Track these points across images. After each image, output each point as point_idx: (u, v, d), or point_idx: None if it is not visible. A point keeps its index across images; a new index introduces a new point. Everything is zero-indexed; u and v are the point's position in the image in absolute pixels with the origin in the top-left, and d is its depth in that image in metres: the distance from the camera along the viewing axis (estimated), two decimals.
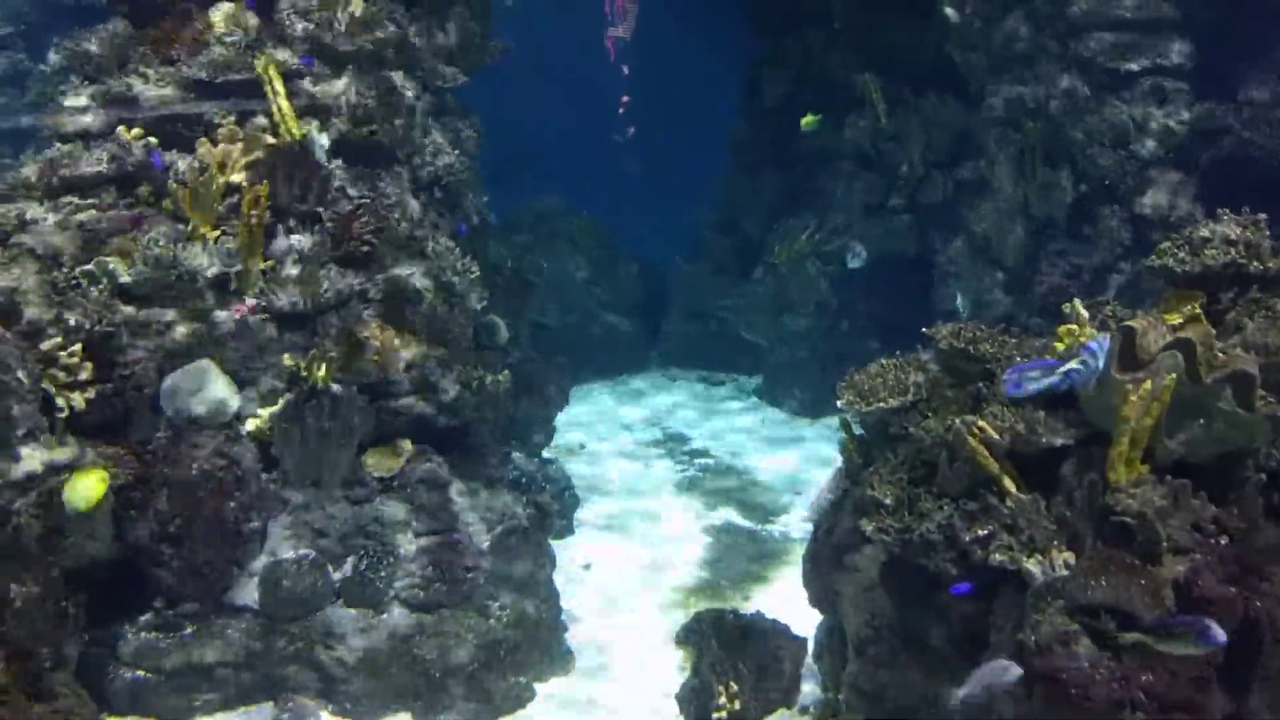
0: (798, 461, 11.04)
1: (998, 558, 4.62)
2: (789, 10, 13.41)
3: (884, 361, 5.82)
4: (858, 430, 5.96)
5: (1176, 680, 3.92)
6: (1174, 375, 4.32)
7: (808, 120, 11.90)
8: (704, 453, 11.46)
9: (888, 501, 5.15)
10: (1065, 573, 4.37)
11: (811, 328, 12.68)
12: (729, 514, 9.70)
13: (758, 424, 12.41)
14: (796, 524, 9.33)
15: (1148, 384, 4.35)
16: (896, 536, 5.02)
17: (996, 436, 4.83)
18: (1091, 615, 4.12)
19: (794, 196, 13.37)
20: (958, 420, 5.01)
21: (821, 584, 5.94)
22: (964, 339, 5.48)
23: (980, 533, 4.70)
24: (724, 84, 15.54)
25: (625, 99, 18.08)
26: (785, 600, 7.13)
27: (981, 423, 4.89)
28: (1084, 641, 4.05)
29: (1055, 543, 4.54)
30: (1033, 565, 4.48)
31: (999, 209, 10.42)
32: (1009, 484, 4.78)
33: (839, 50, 12.82)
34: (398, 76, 7.31)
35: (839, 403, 5.70)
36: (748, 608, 6.95)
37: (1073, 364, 4.77)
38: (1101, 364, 4.57)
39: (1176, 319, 4.87)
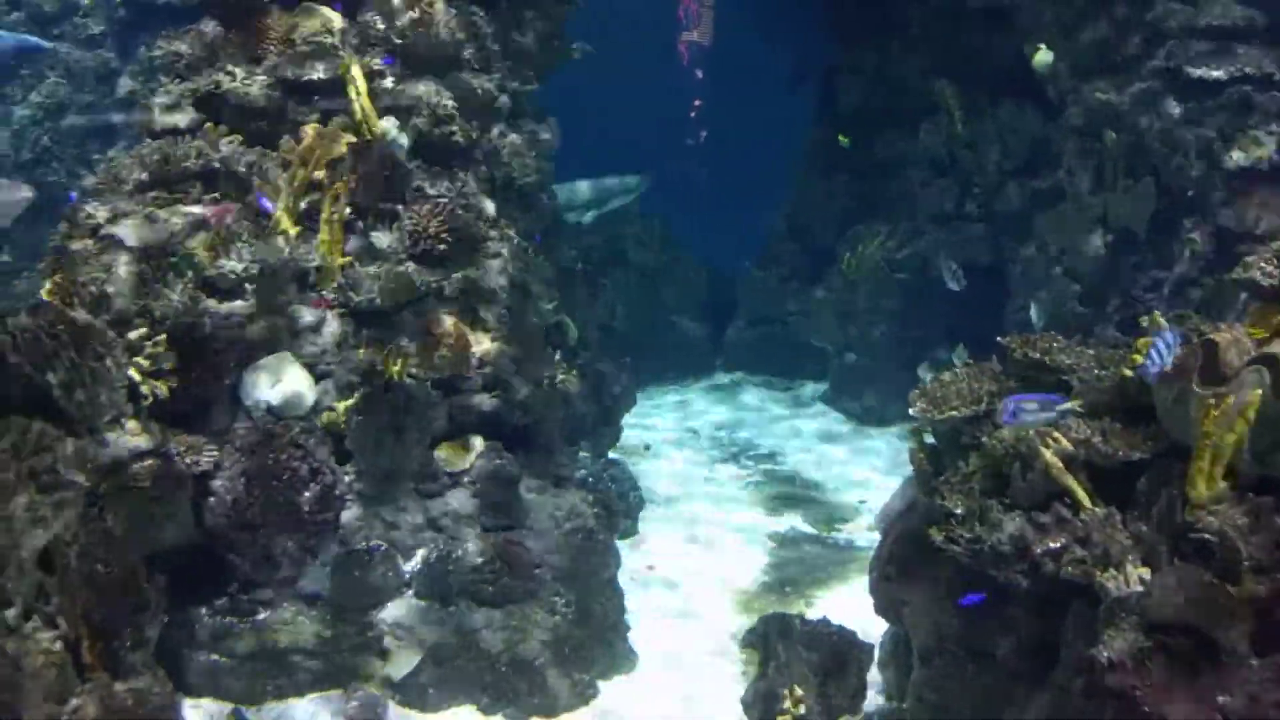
0: (864, 469, 10.97)
1: (1070, 571, 4.56)
2: (865, 17, 13.33)
3: (957, 370, 5.77)
4: (928, 438, 5.91)
5: (1257, 703, 3.84)
6: (1259, 391, 4.23)
7: (844, 139, 11.97)
8: (769, 458, 11.43)
9: (958, 511, 5.11)
10: (1140, 589, 4.30)
11: (881, 335, 12.59)
12: (794, 520, 9.67)
13: (824, 430, 12.35)
14: (862, 531, 9.28)
15: (1229, 399, 4.27)
16: (966, 547, 4.98)
17: (1071, 448, 4.78)
18: (1167, 634, 4.05)
19: (866, 203, 13.29)
20: (1032, 431, 4.95)
21: (888, 592, 5.90)
22: (1039, 349, 5.42)
23: (1053, 545, 4.65)
24: (798, 90, 15.50)
25: (697, 103, 18.11)
26: (850, 607, 7.09)
27: (1056, 434, 4.84)
28: (1159, 659, 3.99)
29: (1130, 558, 4.47)
30: (1106, 580, 4.42)
31: (1076, 219, 10.25)
32: (1083, 497, 4.72)
33: (915, 57, 12.71)
34: (476, 78, 7.41)
35: (910, 410, 5.67)
36: (812, 613, 6.92)
37: (1070, 404, 4.97)
38: (1166, 362, 4.52)
39: (1261, 334, 4.77)
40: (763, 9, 16.67)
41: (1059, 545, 4.64)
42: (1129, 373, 4.87)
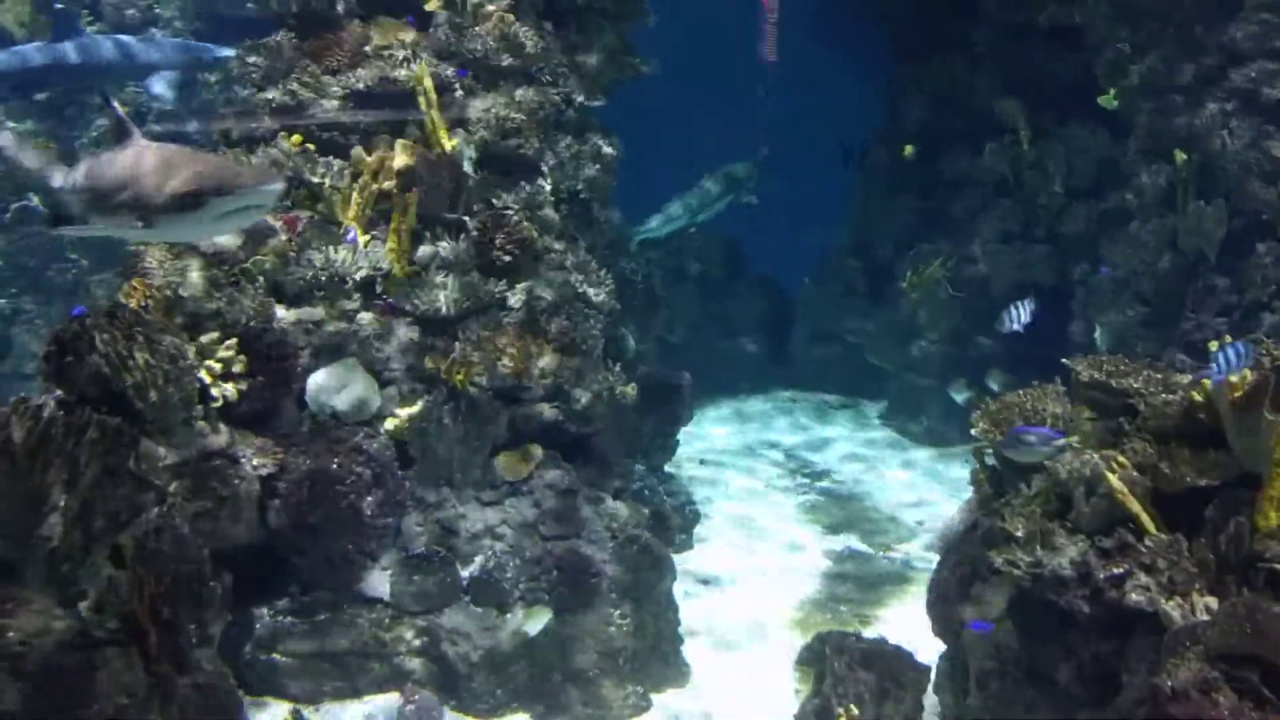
0: (922, 489, 10.88)
1: (1134, 598, 4.51)
2: (931, 35, 13.26)
3: (1020, 391, 5.73)
4: (990, 460, 5.87)
5: None
6: None
7: (908, 150, 11.88)
8: (826, 475, 11.38)
9: (1019, 534, 5.08)
10: (1206, 618, 4.24)
11: (941, 355, 12.49)
12: (849, 539, 9.62)
13: (882, 450, 12.27)
14: (918, 552, 9.21)
15: None
16: (1027, 570, 4.95)
17: (1137, 474, 4.72)
18: (1233, 664, 3.99)
19: (929, 222, 13.19)
20: (1096, 455, 4.91)
21: (945, 613, 5.86)
22: (1105, 372, 5.37)
23: (1116, 571, 4.61)
24: (861, 107, 15.44)
25: (760, 119, 18.09)
26: (905, 628, 7.04)
27: (1121, 458, 4.79)
28: (1225, 690, 3.92)
29: (1196, 587, 4.41)
30: (1171, 608, 4.36)
31: (1144, 241, 10.11)
32: (1148, 523, 4.67)
33: (981, 76, 12.62)
34: (544, 92, 7.50)
35: (972, 431, 5.64)
36: (867, 633, 6.88)
37: (1067, 440, 5.13)
38: (1233, 370, 4.48)
39: None
40: (827, 25, 16.65)
41: (1123, 571, 4.59)
42: (1198, 397, 4.81)
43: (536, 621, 6.34)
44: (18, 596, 4.72)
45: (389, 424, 6.53)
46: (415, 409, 6.50)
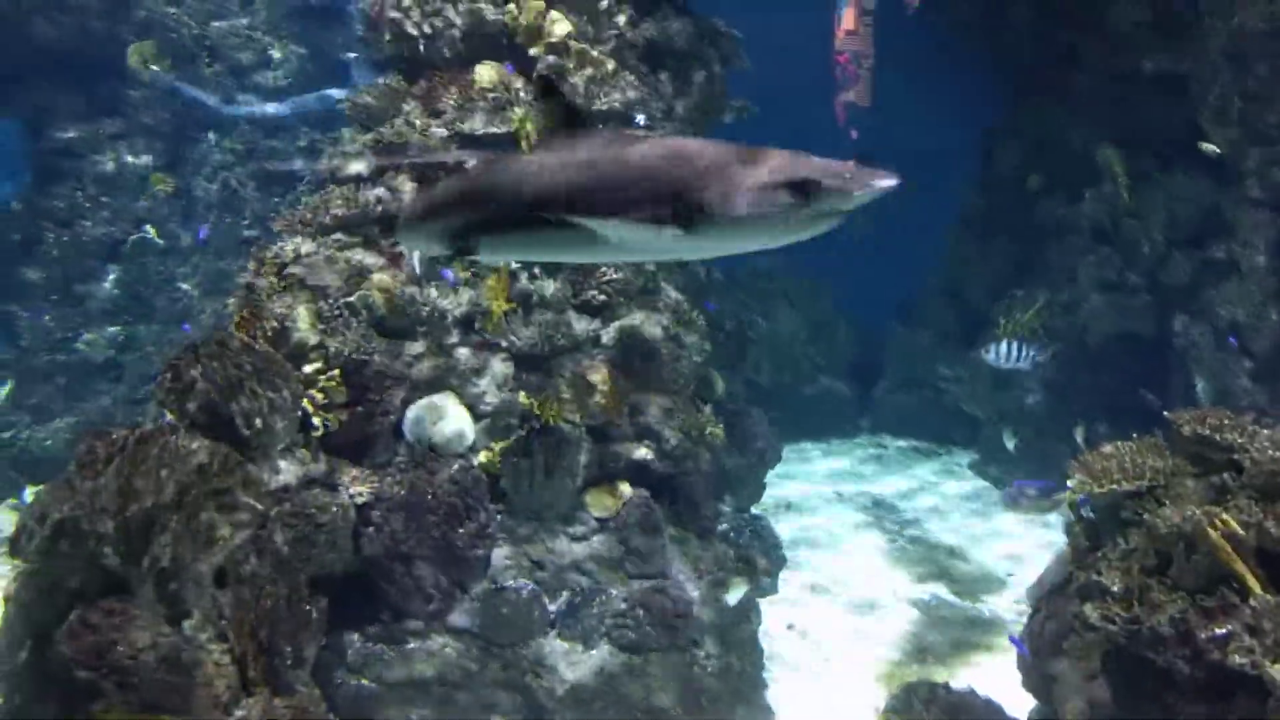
0: (1013, 540, 10.66)
1: (1237, 660, 4.38)
2: (1027, 80, 13.17)
3: (1119, 444, 5.62)
4: (1086, 512, 5.76)
5: None
6: None
7: (1031, 180, 11.72)
8: (914, 523, 11.24)
9: (1116, 589, 4.97)
10: None
11: (1036, 404, 12.27)
12: (937, 588, 9.47)
13: (972, 499, 12.07)
14: (1008, 604, 9.02)
15: None
16: (1124, 626, 4.83)
17: (1241, 531, 4.60)
18: None
19: (1024, 268, 13.03)
20: (1198, 510, 4.80)
21: (1037, 668, 5.74)
22: (1209, 426, 5.24)
23: (1218, 631, 4.48)
24: (956, 152, 15.35)
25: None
26: (994, 682, 6.89)
27: (1225, 515, 4.68)
28: None
29: None
30: (1277, 672, 4.23)
31: (1250, 293, 9.86)
32: (1253, 583, 4.54)
33: (1079, 121, 12.46)
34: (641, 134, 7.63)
35: (1069, 482, 5.55)
36: (955, 685, 6.77)
37: (1066, 495, 4.99)
38: None
39: None
40: (921, 71, 16.61)
41: (1225, 632, 4.46)
42: None
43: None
44: (128, 611, 4.91)
45: (482, 457, 6.65)
46: (508, 443, 6.61)
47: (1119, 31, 11.33)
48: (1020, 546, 10.42)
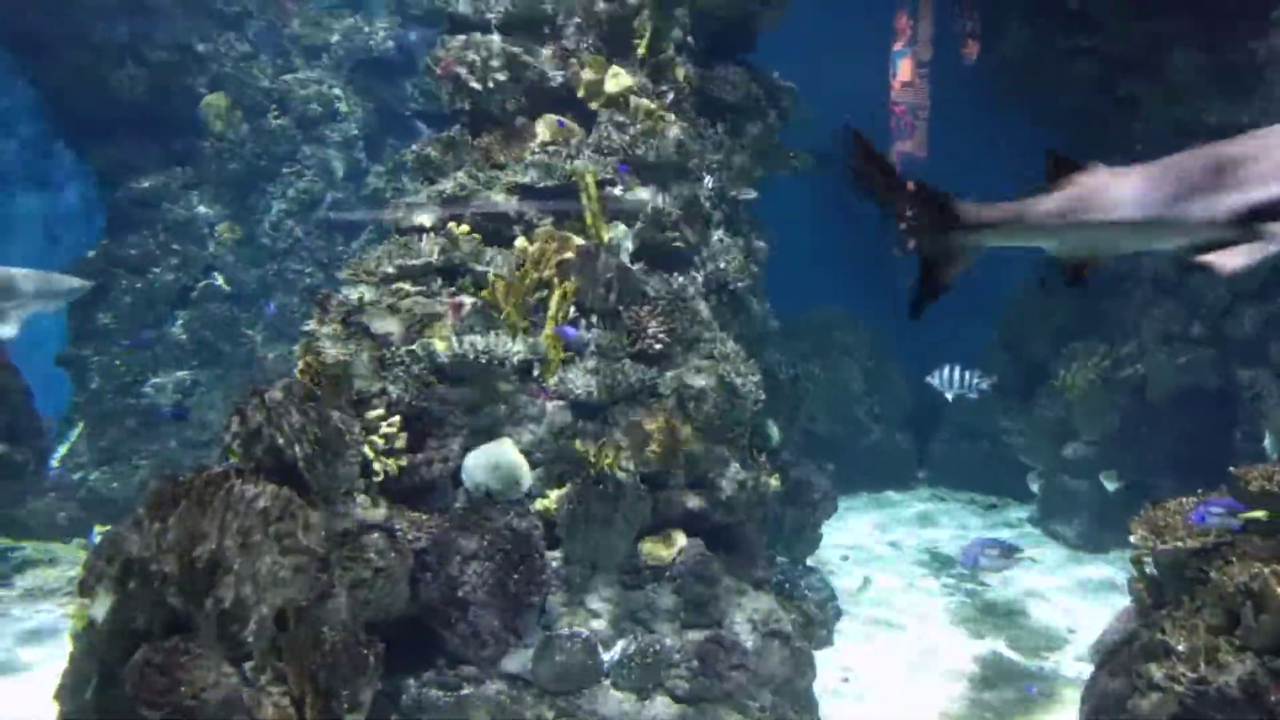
0: (1073, 596, 10.46)
1: None
2: (1086, 130, 13.09)
3: (1183, 499, 5.54)
4: (1149, 569, 5.67)
5: None
6: None
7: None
8: (971, 577, 11.05)
9: (1181, 648, 4.88)
10: None
11: (1097, 457, 12.07)
12: (996, 644, 9.30)
13: (1032, 554, 11.86)
14: (1069, 662, 8.84)
15: None
16: (1190, 686, 4.74)
17: None
18: None
19: (1084, 320, 12.88)
20: (1266, 569, 4.70)
21: None
22: (1276, 482, 5.15)
23: None
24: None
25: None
26: None
27: None
28: None
29: None
30: None
31: None
32: None
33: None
34: (698, 186, 7.72)
35: (1131, 538, 5.47)
36: None
37: (1029, 554, 4.93)
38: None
39: None
40: (978, 122, 16.62)
41: None
42: None
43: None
44: (191, 651, 5.00)
45: (538, 504, 6.71)
46: (564, 490, 6.66)
47: (1179, 81, 11.28)
48: (1082, 602, 10.22)
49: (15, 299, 8.91)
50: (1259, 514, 4.89)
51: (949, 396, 10.25)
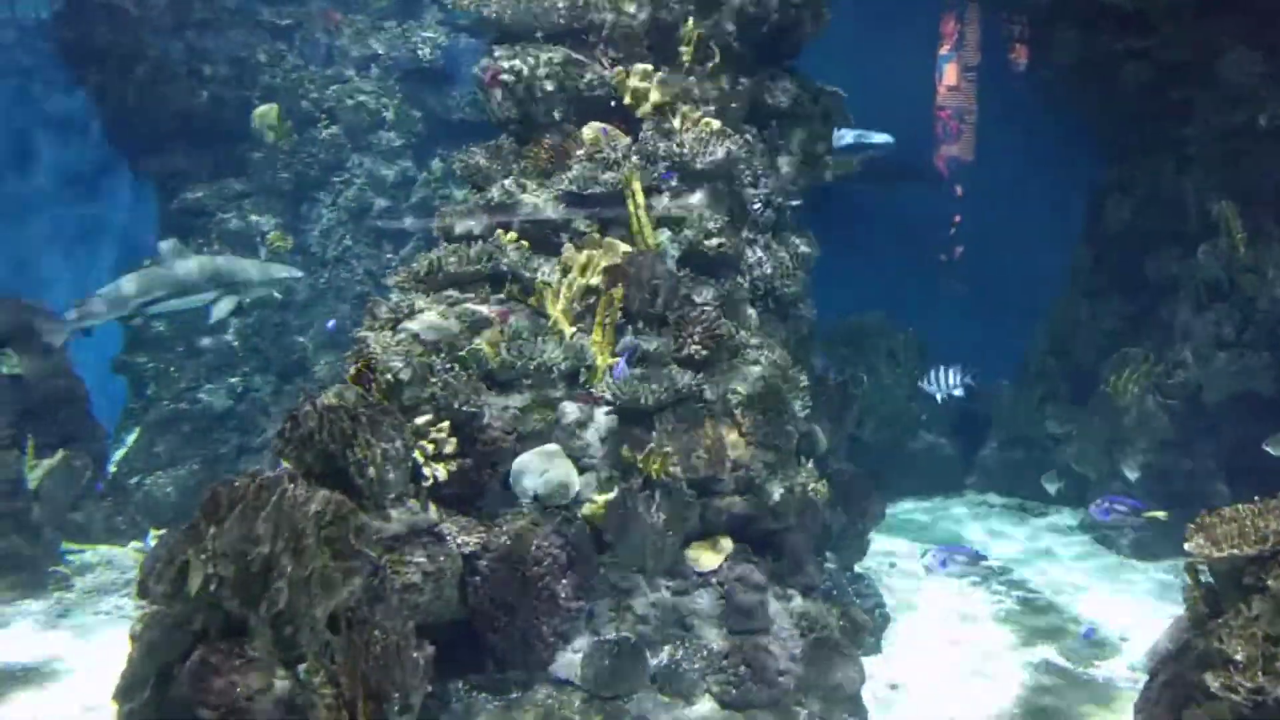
0: (1126, 604, 10.32)
1: None
2: (1138, 136, 12.96)
3: (1239, 506, 5.45)
4: (1205, 577, 5.59)
5: None
6: None
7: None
8: (1022, 585, 10.95)
9: (1238, 657, 4.81)
10: None
11: (1149, 464, 11.91)
12: (1047, 652, 9.20)
13: (1083, 561, 11.73)
14: (1121, 671, 8.73)
15: None
16: (1247, 696, 4.67)
17: None
18: None
19: (1135, 325, 12.74)
20: None
21: None
22: None
23: None
24: (1062, 207, 15.14)
25: (956, 219, 17.95)
26: None
27: None
28: None
29: None
30: None
31: None
32: None
33: (1191, 177, 12.20)
34: (744, 192, 7.74)
35: (1186, 546, 5.39)
36: None
37: (992, 562, 4.95)
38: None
39: None
40: (1026, 126, 16.50)
41: None
42: None
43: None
44: (246, 654, 5.09)
45: (586, 509, 6.74)
46: (611, 495, 6.69)
47: (1233, 84, 11.12)
48: (1135, 610, 10.09)
49: (246, 285, 10.13)
50: (1159, 514, 4.87)
51: (939, 399, 10.19)
